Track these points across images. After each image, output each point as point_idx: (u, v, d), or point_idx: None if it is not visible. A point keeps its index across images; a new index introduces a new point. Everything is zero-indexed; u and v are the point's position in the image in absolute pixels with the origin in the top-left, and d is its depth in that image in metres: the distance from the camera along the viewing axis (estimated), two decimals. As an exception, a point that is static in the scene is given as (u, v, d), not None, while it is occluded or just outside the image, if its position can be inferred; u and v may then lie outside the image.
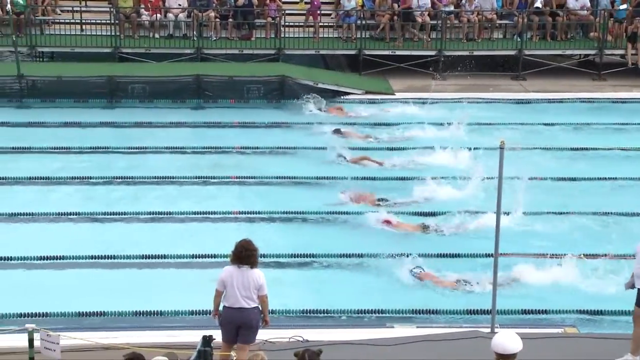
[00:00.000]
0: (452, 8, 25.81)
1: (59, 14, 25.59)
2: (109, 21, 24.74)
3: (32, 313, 11.93)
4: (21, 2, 24.41)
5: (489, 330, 11.10)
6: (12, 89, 22.45)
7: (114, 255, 14.01)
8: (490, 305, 11.28)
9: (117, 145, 19.11)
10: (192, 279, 13.38)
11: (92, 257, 13.91)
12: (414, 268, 13.49)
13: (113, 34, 24.51)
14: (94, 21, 24.92)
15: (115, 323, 12.08)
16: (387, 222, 15.38)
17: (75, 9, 25.60)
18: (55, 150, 18.87)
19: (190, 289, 13.07)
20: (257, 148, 19.24)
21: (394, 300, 12.73)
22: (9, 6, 23.30)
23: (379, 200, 16.43)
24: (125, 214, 15.67)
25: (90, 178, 17.24)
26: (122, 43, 24.65)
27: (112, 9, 25.11)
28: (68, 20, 25.10)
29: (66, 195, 16.64)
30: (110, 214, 15.66)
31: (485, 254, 13.15)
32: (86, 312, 12.22)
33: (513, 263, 13.62)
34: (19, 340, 10.20)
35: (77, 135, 19.93)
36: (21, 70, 22.50)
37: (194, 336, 10.64)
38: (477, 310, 12.34)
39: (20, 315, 11.91)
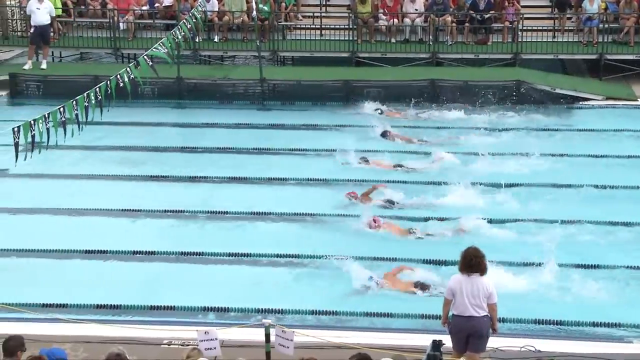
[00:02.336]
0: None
1: (300, 20, 26.38)
2: (347, 26, 25.26)
3: (269, 309, 12.36)
4: (266, 8, 25.37)
5: None
6: (255, 92, 23.36)
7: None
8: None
9: (352, 147, 19.42)
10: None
11: (326, 257, 14.12)
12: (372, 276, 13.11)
13: (350, 38, 24.98)
14: (333, 26, 25.53)
15: (347, 323, 12.30)
16: (375, 222, 15.07)
17: (315, 14, 26.33)
18: (294, 151, 19.45)
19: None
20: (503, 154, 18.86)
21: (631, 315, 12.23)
22: (254, 13, 24.28)
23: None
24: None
25: (325, 180, 17.57)
26: (359, 48, 25.08)
27: (350, 14, 25.61)
28: (308, 26, 25.85)
29: (303, 194, 17.05)
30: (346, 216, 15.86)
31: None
32: (320, 311, 12.51)
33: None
34: (257, 335, 10.59)
35: (314, 137, 20.45)
36: (263, 74, 23.40)
37: (423, 340, 10.67)
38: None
39: (258, 310, 12.36)
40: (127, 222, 15.81)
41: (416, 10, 25.38)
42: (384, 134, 20.24)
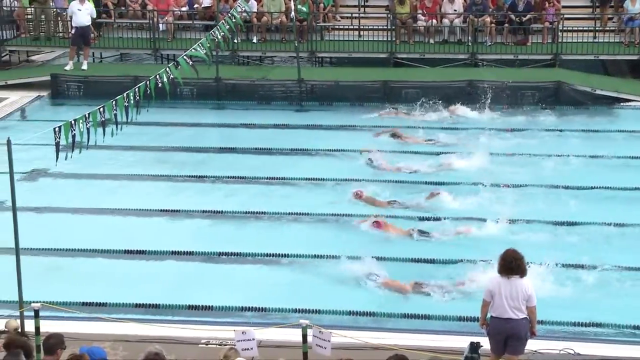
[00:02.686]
0: None
1: (339, 20, 26.39)
2: (385, 27, 25.23)
3: (306, 309, 12.37)
4: (304, 9, 25.40)
5: None
6: (293, 93, 23.41)
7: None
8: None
9: (391, 148, 19.39)
10: (463, 284, 13.31)
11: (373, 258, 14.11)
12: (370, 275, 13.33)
13: (389, 39, 24.94)
14: (371, 27, 25.52)
15: (384, 324, 12.29)
16: (377, 223, 15.18)
17: (354, 15, 26.31)
18: (332, 152, 19.44)
19: (459, 293, 13.04)
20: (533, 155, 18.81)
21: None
22: (293, 14, 24.33)
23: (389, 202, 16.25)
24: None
25: (360, 180, 17.52)
26: (397, 48, 25.03)
27: (389, 15, 25.58)
28: (346, 27, 25.85)
29: (341, 194, 17.02)
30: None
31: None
32: (357, 312, 12.50)
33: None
34: (294, 335, 10.60)
35: (351, 138, 20.46)
36: (301, 75, 23.44)
37: (461, 342, 10.63)
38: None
39: (296, 310, 12.38)
40: (165, 222, 15.91)
41: (455, 10, 25.28)
42: (394, 135, 20.23)
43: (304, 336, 10.06)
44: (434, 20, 25.37)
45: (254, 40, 25.83)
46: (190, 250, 14.52)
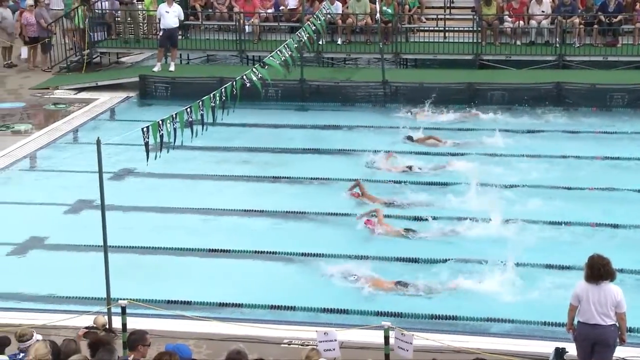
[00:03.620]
0: None
1: (424, 22, 26.27)
2: (471, 28, 25.03)
3: (389, 312, 12.36)
4: (389, 11, 25.36)
5: None
6: (377, 94, 23.39)
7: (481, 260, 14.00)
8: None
9: (477, 151, 19.23)
10: (545, 289, 13.11)
11: (447, 260, 14.06)
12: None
13: (474, 41, 24.75)
14: (457, 29, 25.35)
15: (466, 327, 12.18)
16: (369, 222, 15.24)
17: (439, 16, 26.17)
18: (418, 154, 19.39)
19: (541, 298, 12.87)
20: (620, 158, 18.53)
21: None
22: (378, 15, 24.31)
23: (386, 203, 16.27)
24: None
25: (446, 184, 17.44)
26: (483, 50, 24.82)
27: (475, 17, 25.37)
28: (432, 28, 25.72)
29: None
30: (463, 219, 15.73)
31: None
32: (439, 315, 12.42)
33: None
34: (376, 337, 10.60)
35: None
36: (386, 77, 23.41)
37: (546, 347, 10.49)
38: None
39: (377, 313, 12.36)
40: (250, 222, 16.04)
41: (543, 12, 24.94)
42: (409, 138, 20.14)
43: (386, 338, 10.05)
44: (521, 22, 25.07)
45: (339, 42, 25.89)
46: (274, 250, 14.61)
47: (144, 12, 27.02)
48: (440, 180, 17.58)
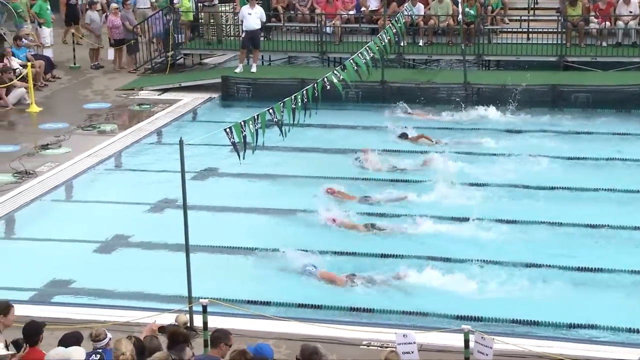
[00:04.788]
0: None
1: (507, 23, 25.99)
2: (555, 29, 24.68)
3: (468, 316, 12.24)
4: (472, 12, 25.17)
5: None
6: (459, 96, 23.22)
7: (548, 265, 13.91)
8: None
9: (556, 154, 18.98)
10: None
11: (527, 265, 13.88)
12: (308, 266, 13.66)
13: (559, 42, 24.40)
14: (541, 30, 25.01)
15: (548, 332, 12.00)
16: (332, 220, 15.46)
17: (523, 17, 25.86)
18: (497, 155, 19.17)
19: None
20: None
21: None
22: (460, 16, 24.13)
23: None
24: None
25: (525, 186, 17.22)
26: (567, 51, 24.44)
27: (559, 17, 25.01)
28: (515, 29, 25.43)
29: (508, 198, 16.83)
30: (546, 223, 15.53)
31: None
32: (519, 320, 12.27)
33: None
34: (455, 340, 10.53)
35: (517, 141, 20.11)
36: (467, 78, 23.23)
37: (632, 354, 10.28)
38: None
39: (457, 317, 12.28)
40: (325, 222, 16.01)
41: (630, 12, 24.46)
42: (403, 136, 20.18)
43: (466, 342, 9.97)
44: (607, 23, 24.62)
45: (420, 44, 25.78)
46: (352, 251, 14.60)
47: (227, 13, 27.30)
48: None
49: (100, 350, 8.67)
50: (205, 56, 27.95)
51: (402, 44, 23.80)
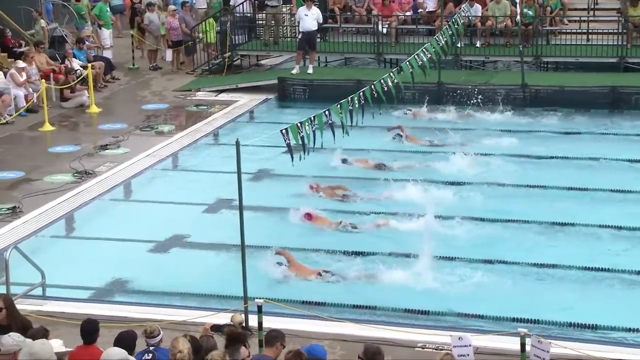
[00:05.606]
0: None
1: (566, 24, 25.70)
2: (616, 30, 24.35)
3: (524, 319, 12.12)
4: (530, 13, 24.94)
5: None
6: (516, 98, 23.02)
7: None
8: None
9: (614, 156, 18.72)
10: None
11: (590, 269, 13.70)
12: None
13: (619, 43, 24.06)
14: (601, 31, 24.70)
15: (609, 335, 11.82)
16: (308, 215, 15.74)
17: (582, 18, 25.56)
18: (554, 158, 18.99)
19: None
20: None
21: None
22: (518, 17, 23.92)
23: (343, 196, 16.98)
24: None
25: (588, 189, 17.04)
26: (628, 53, 24.10)
27: (620, 18, 24.67)
28: (574, 30, 25.14)
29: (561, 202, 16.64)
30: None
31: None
32: (578, 324, 12.11)
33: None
34: (512, 343, 10.44)
35: (577, 144, 19.90)
36: (525, 80, 23.02)
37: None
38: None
39: (513, 319, 12.16)
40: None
41: (693, 12, 24.07)
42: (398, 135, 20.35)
43: (522, 345, 9.88)
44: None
45: (477, 45, 25.62)
46: (408, 252, 14.54)
47: (283, 14, 27.40)
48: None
49: (152, 349, 8.74)
50: (261, 57, 28.08)
51: (458, 45, 23.67)
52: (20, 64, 23.15)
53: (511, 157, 19.07)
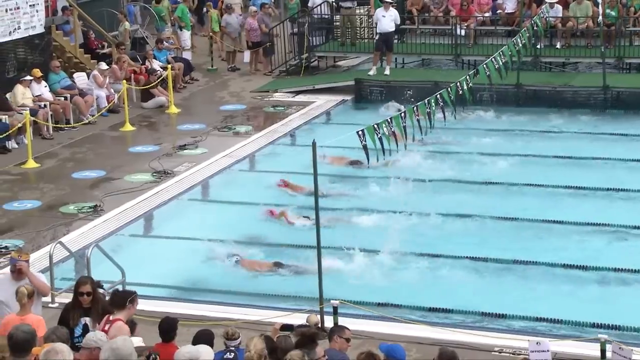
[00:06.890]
0: None
1: (650, 25, 25.23)
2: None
3: (606, 324, 11.93)
4: (613, 13, 24.51)
5: None
6: (597, 100, 22.64)
7: None
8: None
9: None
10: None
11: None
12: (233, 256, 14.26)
13: None
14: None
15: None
16: (271, 212, 16.18)
17: (666, 19, 25.07)
18: (637, 161, 18.67)
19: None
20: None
21: None
22: (600, 18, 23.50)
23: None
24: None
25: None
26: None
27: None
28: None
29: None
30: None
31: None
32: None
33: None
34: (591, 349, 10.29)
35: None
36: (607, 82, 22.63)
37: None
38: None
39: (594, 325, 11.98)
40: (455, 223, 15.90)
41: None
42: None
43: (602, 352, 9.72)
44: None
45: (557, 46, 25.27)
46: (485, 256, 14.41)
47: (359, 16, 27.40)
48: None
49: (233, 348, 8.83)
50: (339, 59, 28.11)
51: (538, 46, 23.37)
52: (103, 66, 23.57)
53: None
